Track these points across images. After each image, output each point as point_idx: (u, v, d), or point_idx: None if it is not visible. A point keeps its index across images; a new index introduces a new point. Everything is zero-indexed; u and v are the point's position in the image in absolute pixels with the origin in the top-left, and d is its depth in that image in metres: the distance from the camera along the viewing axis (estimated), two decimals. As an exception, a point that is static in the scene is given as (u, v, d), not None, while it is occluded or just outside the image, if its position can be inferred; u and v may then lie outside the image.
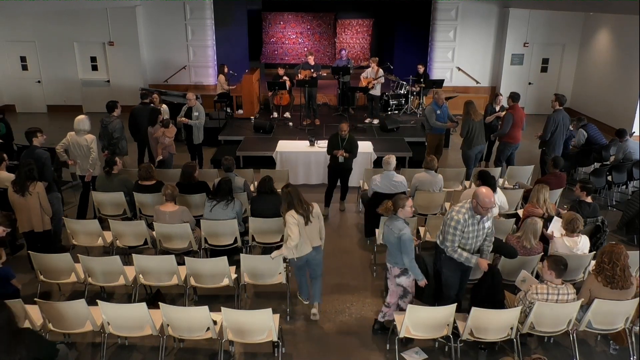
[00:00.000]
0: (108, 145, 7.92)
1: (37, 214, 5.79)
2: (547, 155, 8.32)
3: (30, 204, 5.73)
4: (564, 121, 8.22)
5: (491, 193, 4.42)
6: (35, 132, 6.52)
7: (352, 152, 7.42)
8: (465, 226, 4.50)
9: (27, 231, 5.87)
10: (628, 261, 4.48)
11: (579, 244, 5.22)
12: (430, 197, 6.81)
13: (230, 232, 5.88)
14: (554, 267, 4.35)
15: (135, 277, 5.27)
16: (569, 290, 4.41)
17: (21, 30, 13.09)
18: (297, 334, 5.15)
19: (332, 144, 7.49)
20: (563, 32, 13.32)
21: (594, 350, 4.96)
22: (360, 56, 17.04)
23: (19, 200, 5.70)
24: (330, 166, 7.63)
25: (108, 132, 7.85)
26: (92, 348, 4.88)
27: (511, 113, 8.30)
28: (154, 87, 13.22)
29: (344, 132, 7.35)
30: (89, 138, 7.16)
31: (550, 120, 8.20)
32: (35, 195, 5.72)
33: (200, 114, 8.81)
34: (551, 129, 8.18)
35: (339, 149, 7.37)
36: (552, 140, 8.24)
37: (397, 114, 12.25)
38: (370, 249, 6.60)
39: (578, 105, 13.48)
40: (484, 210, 4.41)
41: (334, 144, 7.45)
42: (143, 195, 6.55)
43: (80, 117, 7.22)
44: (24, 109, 13.83)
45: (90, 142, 7.14)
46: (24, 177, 5.68)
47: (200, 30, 13.51)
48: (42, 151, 6.48)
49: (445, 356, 4.82)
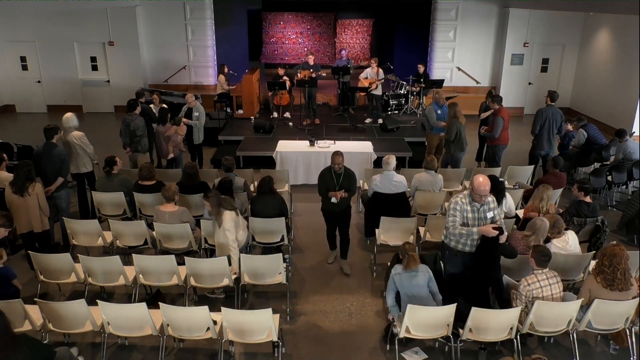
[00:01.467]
0: (130, 142, 8.03)
1: (36, 215, 5.79)
2: (536, 150, 8.45)
3: (29, 204, 5.72)
4: (554, 116, 8.28)
5: (487, 181, 4.62)
6: (56, 129, 6.59)
7: (350, 189, 5.95)
8: (463, 210, 4.72)
9: (26, 232, 5.86)
10: (629, 263, 4.47)
11: (569, 241, 5.24)
12: (430, 197, 6.82)
13: (230, 232, 5.87)
14: (536, 256, 4.48)
15: (135, 277, 5.27)
16: (554, 274, 4.54)
17: (21, 30, 13.10)
18: (297, 334, 5.15)
19: (325, 182, 5.95)
20: (563, 32, 13.32)
21: (594, 350, 4.96)
22: (360, 56, 17.05)
23: (18, 200, 5.67)
24: (324, 210, 6.19)
25: (130, 130, 7.95)
26: (92, 348, 4.88)
27: (502, 117, 8.30)
28: (154, 87, 13.24)
29: (339, 166, 5.85)
30: (77, 134, 7.18)
31: (538, 114, 8.32)
32: (34, 195, 5.71)
33: (201, 114, 8.82)
34: (539, 123, 8.28)
35: (335, 188, 5.88)
36: (541, 134, 8.32)
37: (397, 114, 12.26)
38: (370, 249, 6.60)
39: (578, 105, 13.48)
40: (477, 196, 4.63)
41: (328, 183, 5.92)
42: (143, 195, 6.55)
43: (68, 115, 7.26)
44: (24, 109, 13.84)
45: (79, 139, 7.16)
46: (23, 178, 5.64)
47: (200, 30, 13.52)
48: (61, 149, 6.62)
49: (445, 356, 4.83)
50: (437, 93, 8.99)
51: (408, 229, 6.09)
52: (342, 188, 5.88)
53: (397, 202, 6.44)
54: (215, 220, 5.32)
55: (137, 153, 8.10)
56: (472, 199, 4.71)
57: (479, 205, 4.72)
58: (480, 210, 4.73)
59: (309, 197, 8.27)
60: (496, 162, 8.59)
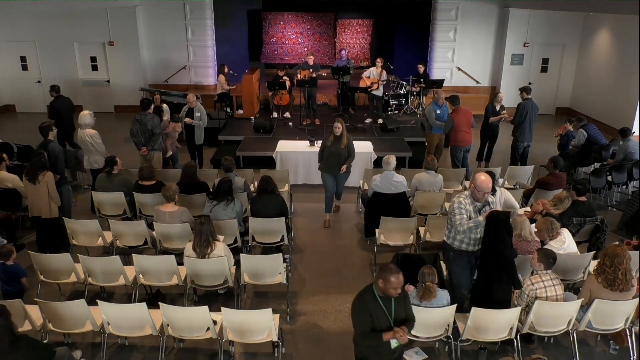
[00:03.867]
0: (147, 141, 7.94)
1: (45, 202, 6.14)
2: (518, 142, 8.89)
3: (39, 191, 6.09)
4: (533, 109, 8.75)
5: (489, 179, 4.60)
6: (50, 126, 6.80)
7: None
8: (468, 211, 4.67)
9: (36, 216, 6.28)
10: (630, 264, 4.47)
11: (565, 240, 5.24)
12: (430, 197, 6.82)
13: (230, 232, 5.88)
14: (544, 259, 4.47)
15: (135, 277, 5.27)
16: (556, 276, 4.55)
17: (21, 30, 13.10)
18: (297, 334, 5.15)
19: None
20: (563, 32, 13.32)
21: (594, 350, 4.96)
22: (360, 56, 17.06)
23: (29, 186, 6.11)
24: None
25: (148, 128, 7.88)
26: (92, 348, 4.88)
27: (452, 117, 8.57)
28: (154, 87, 13.23)
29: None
30: (90, 132, 7.55)
31: (519, 108, 8.77)
32: (44, 183, 6.06)
33: (202, 114, 8.82)
34: (522, 114, 8.69)
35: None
36: (523, 126, 8.77)
37: (397, 114, 12.26)
38: (371, 249, 6.60)
39: (578, 105, 13.48)
40: (479, 194, 4.59)
41: None
42: (143, 195, 6.55)
43: (84, 112, 7.66)
44: (24, 109, 13.84)
45: (91, 137, 7.52)
46: (36, 166, 6.04)
47: (200, 30, 13.51)
48: (55, 145, 6.77)
49: (445, 356, 4.83)
50: (436, 93, 9.01)
51: (408, 229, 6.10)
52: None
53: (397, 202, 6.44)
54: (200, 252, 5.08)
55: (154, 151, 8.04)
56: (474, 198, 4.68)
57: (480, 205, 4.71)
58: (482, 211, 4.71)
59: (309, 197, 8.28)
60: (454, 163, 8.71)
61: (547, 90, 13.83)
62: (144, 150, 7.93)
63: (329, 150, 7.17)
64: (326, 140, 7.30)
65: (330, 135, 7.25)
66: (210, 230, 5.07)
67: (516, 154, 9.03)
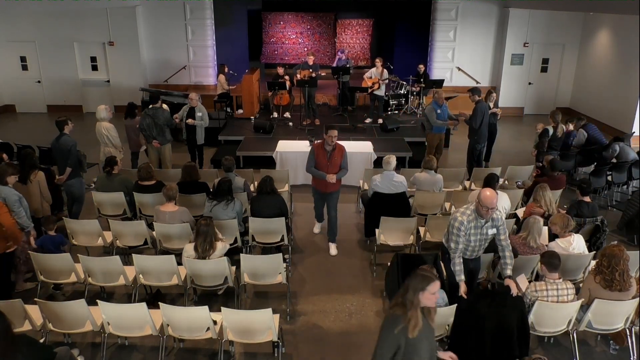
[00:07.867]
0: (158, 134, 8.16)
1: (37, 201, 6.21)
2: (478, 143, 8.70)
3: (31, 191, 6.14)
4: (487, 111, 8.64)
5: (494, 195, 4.36)
6: (66, 120, 6.92)
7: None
8: (468, 228, 4.50)
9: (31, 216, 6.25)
10: (628, 264, 4.47)
11: (573, 242, 5.23)
12: (430, 197, 6.82)
13: (230, 232, 5.88)
14: (546, 261, 4.43)
15: (135, 277, 5.27)
16: (567, 286, 4.44)
17: (21, 30, 13.09)
18: (297, 334, 5.15)
19: None
20: (563, 32, 13.32)
21: (594, 350, 4.96)
22: (360, 56, 17.05)
23: (21, 188, 6.05)
24: None
25: (160, 122, 8.11)
26: (92, 348, 4.88)
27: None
28: (154, 87, 13.23)
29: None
30: (106, 125, 7.93)
31: (477, 111, 8.51)
32: (35, 183, 6.16)
33: (204, 114, 8.81)
34: (480, 118, 8.48)
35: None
36: (481, 129, 8.56)
37: (397, 114, 12.26)
38: (371, 249, 6.60)
39: (578, 105, 13.48)
40: (483, 209, 4.35)
41: None
42: (143, 195, 6.55)
43: (100, 107, 8.08)
44: (24, 109, 13.84)
45: (106, 130, 7.89)
46: (27, 167, 6.12)
47: (200, 30, 13.51)
48: (69, 138, 6.87)
49: (445, 356, 4.82)
50: (436, 93, 9.01)
51: (408, 229, 6.10)
52: None
53: (397, 202, 6.44)
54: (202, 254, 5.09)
55: (166, 144, 8.33)
56: (478, 214, 4.43)
57: (483, 222, 4.48)
58: (484, 227, 4.51)
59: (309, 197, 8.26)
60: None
61: (547, 90, 13.84)
62: (156, 143, 8.22)
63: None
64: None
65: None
66: (214, 232, 5.12)
67: (474, 156, 8.84)
